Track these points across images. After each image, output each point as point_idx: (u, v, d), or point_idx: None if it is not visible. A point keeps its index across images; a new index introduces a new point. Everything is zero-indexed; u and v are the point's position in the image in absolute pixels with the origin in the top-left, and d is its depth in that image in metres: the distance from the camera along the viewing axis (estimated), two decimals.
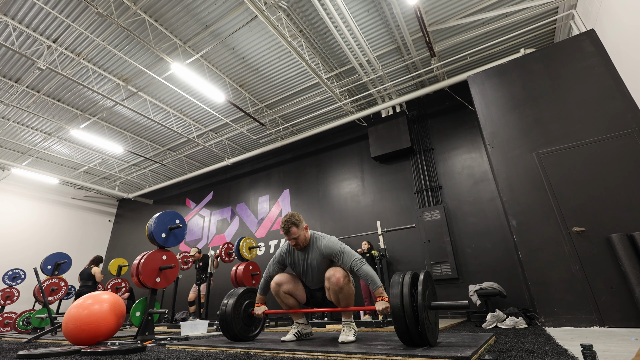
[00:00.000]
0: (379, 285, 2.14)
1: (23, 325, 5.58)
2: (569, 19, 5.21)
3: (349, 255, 2.29)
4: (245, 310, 2.65)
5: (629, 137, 3.41)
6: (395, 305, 1.83)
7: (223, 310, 2.55)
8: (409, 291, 1.86)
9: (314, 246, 2.44)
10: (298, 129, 8.59)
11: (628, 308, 2.95)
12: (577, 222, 3.41)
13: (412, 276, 1.94)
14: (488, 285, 4.37)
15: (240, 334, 2.56)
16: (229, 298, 2.64)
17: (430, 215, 6.03)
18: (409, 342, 1.84)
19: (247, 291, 2.75)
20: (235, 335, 2.54)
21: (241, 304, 2.65)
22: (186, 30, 5.56)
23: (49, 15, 5.22)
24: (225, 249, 6.46)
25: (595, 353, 1.31)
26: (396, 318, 1.81)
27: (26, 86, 6.66)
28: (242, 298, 2.68)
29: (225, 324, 2.52)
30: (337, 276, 2.25)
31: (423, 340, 1.80)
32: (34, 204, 10.54)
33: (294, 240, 2.39)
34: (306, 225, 2.48)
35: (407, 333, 1.80)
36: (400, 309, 1.81)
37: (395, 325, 1.82)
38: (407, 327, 1.79)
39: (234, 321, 2.53)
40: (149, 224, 3.74)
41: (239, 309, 2.61)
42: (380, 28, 5.61)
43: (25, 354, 2.20)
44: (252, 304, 2.74)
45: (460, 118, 6.60)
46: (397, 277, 1.96)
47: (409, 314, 1.79)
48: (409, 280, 1.91)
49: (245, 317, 2.65)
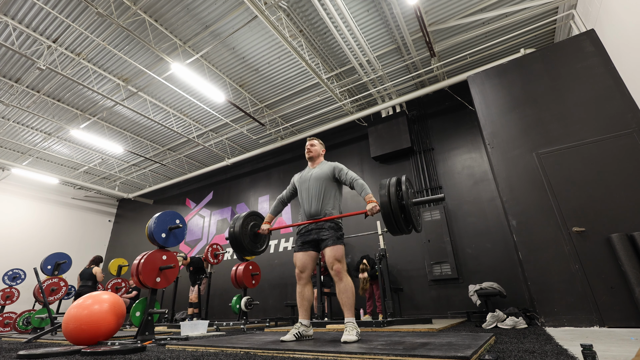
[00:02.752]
0: (370, 192, 2.50)
1: (23, 325, 5.58)
2: (569, 19, 5.21)
3: (351, 173, 2.65)
4: (252, 230, 2.95)
5: (629, 137, 3.41)
6: (384, 201, 2.21)
7: (232, 231, 2.84)
8: (395, 190, 2.23)
9: (323, 165, 2.79)
10: (298, 129, 8.59)
11: (628, 308, 2.95)
12: (577, 222, 3.41)
13: (396, 179, 2.31)
14: (488, 285, 4.37)
15: (249, 249, 2.88)
16: (236, 221, 2.90)
17: (430, 215, 6.03)
18: (396, 231, 2.25)
19: (251, 214, 3.03)
20: (245, 250, 2.85)
21: (247, 224, 2.93)
22: (186, 30, 5.56)
23: (49, 15, 5.22)
24: (211, 251, 6.46)
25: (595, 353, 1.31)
26: (385, 211, 2.20)
27: (26, 86, 6.66)
28: (248, 219, 2.95)
29: (235, 241, 2.81)
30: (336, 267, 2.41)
31: (409, 227, 2.22)
32: (34, 204, 10.54)
33: (310, 147, 2.85)
34: (324, 151, 2.95)
35: (395, 223, 2.18)
36: (388, 203, 2.19)
37: (385, 217, 2.19)
38: (394, 218, 2.17)
39: (243, 238, 2.83)
40: (149, 224, 3.74)
41: (246, 228, 2.90)
42: (380, 28, 5.61)
43: (25, 354, 2.20)
44: (256, 226, 2.99)
45: (460, 118, 6.60)
46: (384, 181, 2.34)
47: (395, 207, 2.16)
48: (394, 182, 2.29)
49: (251, 235, 2.93)
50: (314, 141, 2.91)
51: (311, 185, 2.68)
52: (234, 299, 5.73)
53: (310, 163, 2.89)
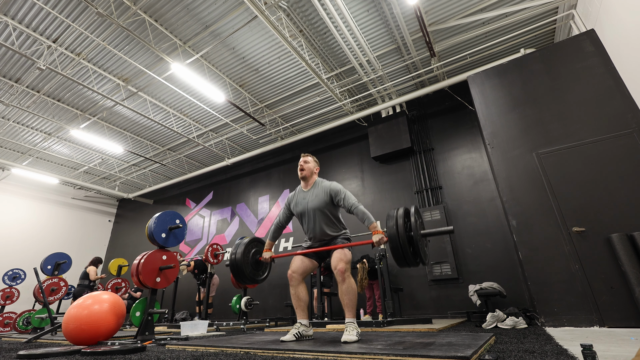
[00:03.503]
0: (374, 220, 2.40)
1: (23, 325, 5.57)
2: (569, 19, 5.21)
3: (349, 197, 2.51)
4: (253, 257, 2.89)
5: (629, 137, 3.41)
6: (392, 233, 2.17)
7: (233, 259, 2.78)
8: (402, 222, 2.19)
9: (319, 185, 2.65)
10: (298, 129, 8.59)
11: (628, 308, 2.95)
12: (577, 222, 3.41)
13: (404, 210, 2.27)
14: (488, 285, 4.37)
15: (251, 278, 2.82)
16: (237, 247, 2.85)
17: (430, 215, 6.03)
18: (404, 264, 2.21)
19: (253, 240, 2.97)
20: (246, 278, 2.79)
21: (249, 251, 2.88)
22: (186, 30, 5.56)
23: (49, 15, 5.22)
24: (211, 251, 6.46)
25: (595, 353, 1.31)
26: (393, 243, 2.16)
27: (26, 86, 6.66)
28: (250, 246, 2.90)
29: (237, 269, 2.77)
30: (340, 267, 2.38)
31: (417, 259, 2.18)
32: (34, 204, 10.54)
33: (303, 165, 2.69)
34: (318, 169, 2.79)
35: (403, 255, 2.15)
36: (396, 235, 2.15)
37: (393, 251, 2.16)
38: (402, 250, 2.13)
39: (244, 266, 2.78)
40: (149, 224, 3.74)
41: (247, 255, 2.84)
42: (380, 28, 5.61)
43: (25, 354, 2.20)
44: (258, 252, 2.94)
45: (460, 118, 6.60)
46: (391, 212, 2.29)
47: (404, 240, 2.13)
48: (402, 213, 2.25)
49: (253, 263, 2.88)
50: (307, 158, 2.73)
51: (311, 215, 2.59)
52: (234, 299, 5.73)
53: (304, 183, 2.72)
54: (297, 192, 2.76)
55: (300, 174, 2.70)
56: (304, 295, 2.57)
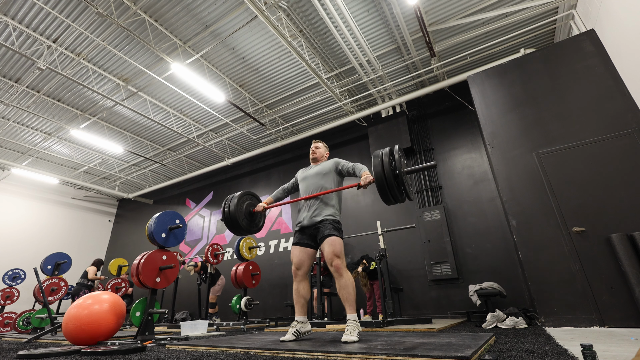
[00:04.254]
0: (365, 168, 2.54)
1: (23, 325, 5.57)
2: (569, 19, 5.21)
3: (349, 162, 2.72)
4: (247, 209, 2.92)
5: (629, 137, 3.41)
6: (378, 170, 2.20)
7: (226, 211, 2.80)
8: (388, 160, 2.23)
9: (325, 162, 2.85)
10: (298, 129, 8.59)
11: (628, 308, 2.95)
12: (577, 222, 3.41)
13: (389, 149, 2.31)
14: (488, 285, 4.36)
15: (246, 228, 2.85)
16: (229, 200, 2.87)
17: (430, 215, 6.03)
18: (389, 200, 2.24)
19: (245, 193, 3.00)
20: (241, 228, 2.81)
21: (242, 203, 2.91)
22: (186, 30, 5.56)
23: (49, 15, 5.22)
24: (211, 251, 6.46)
25: (595, 353, 1.31)
26: (379, 181, 2.19)
27: (26, 86, 6.66)
28: (242, 199, 2.93)
29: (231, 221, 2.79)
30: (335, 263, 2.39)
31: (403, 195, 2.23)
32: (34, 204, 10.53)
33: (315, 150, 2.92)
34: (327, 154, 3.01)
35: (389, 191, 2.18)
36: (382, 172, 2.19)
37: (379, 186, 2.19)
38: (388, 185, 2.17)
39: (239, 217, 2.79)
40: (149, 224, 3.74)
41: (241, 207, 2.87)
42: (380, 28, 5.61)
43: (25, 354, 2.20)
44: (252, 205, 2.98)
45: (460, 118, 6.60)
46: (377, 151, 2.33)
47: (389, 175, 2.16)
48: (387, 152, 2.29)
49: (247, 214, 2.91)
50: (319, 144, 2.99)
51: (313, 179, 2.77)
52: (234, 299, 5.73)
53: (314, 164, 2.96)
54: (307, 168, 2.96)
55: (311, 156, 2.94)
56: (305, 291, 2.57)
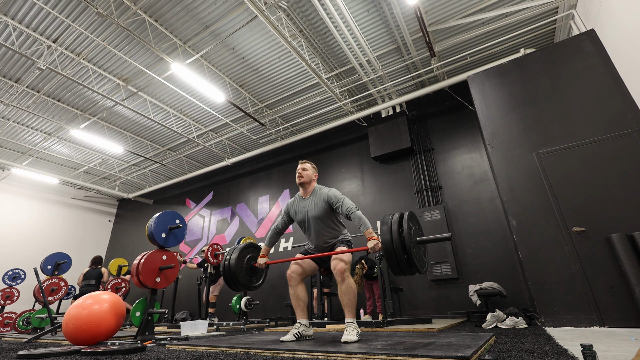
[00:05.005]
0: (369, 226, 2.34)
1: (23, 325, 5.57)
2: (569, 19, 5.21)
3: (347, 203, 2.49)
4: (248, 263, 2.83)
5: (629, 137, 3.41)
6: (386, 240, 2.08)
7: (227, 265, 2.72)
8: (397, 228, 2.10)
9: (317, 193, 2.63)
10: (298, 129, 8.59)
11: (628, 308, 2.95)
12: (577, 222, 3.41)
13: (399, 216, 2.18)
14: (488, 285, 4.36)
15: (245, 284, 2.75)
16: (231, 253, 2.79)
17: (430, 215, 6.03)
18: (399, 272, 2.11)
19: (248, 246, 2.92)
20: (240, 284, 2.72)
21: (244, 256, 2.82)
22: (186, 30, 5.56)
23: (49, 15, 5.22)
24: (211, 251, 6.45)
25: (595, 353, 1.31)
26: (387, 250, 2.07)
27: (26, 86, 6.66)
28: (244, 252, 2.86)
29: (230, 275, 2.70)
30: (339, 267, 2.37)
31: (411, 267, 2.07)
32: (34, 204, 10.53)
33: (301, 171, 2.66)
34: (316, 176, 2.75)
35: (397, 263, 2.06)
36: (390, 241, 2.07)
37: (387, 258, 2.08)
38: (396, 257, 2.05)
39: (238, 272, 2.72)
40: (149, 224, 3.73)
41: (242, 261, 2.79)
42: (380, 28, 5.61)
43: (25, 354, 2.20)
44: (253, 258, 2.89)
45: (460, 118, 6.59)
46: (386, 218, 2.20)
47: (397, 246, 2.04)
48: (397, 219, 2.15)
49: (248, 269, 2.82)
50: (305, 165, 2.71)
51: (311, 224, 2.60)
52: (234, 299, 5.73)
53: (302, 190, 2.70)
54: (296, 199, 2.73)
55: (298, 180, 2.67)
56: (303, 295, 2.57)
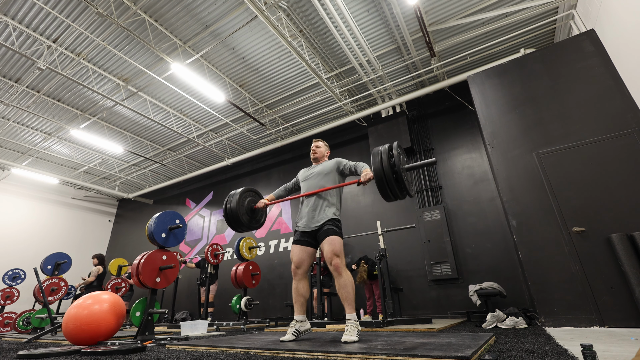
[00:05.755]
0: (366, 165, 2.55)
1: (23, 325, 5.57)
2: (569, 19, 5.21)
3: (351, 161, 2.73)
4: (248, 205, 2.94)
5: (629, 137, 3.41)
6: (377, 167, 2.19)
7: (228, 208, 2.82)
8: (387, 157, 2.21)
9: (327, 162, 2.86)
10: (298, 129, 8.59)
11: (628, 308, 2.95)
12: (577, 222, 3.41)
13: (388, 146, 2.29)
14: (488, 285, 4.37)
15: (247, 223, 2.85)
16: (231, 197, 2.88)
17: (430, 215, 6.03)
18: (390, 197, 2.23)
19: (247, 190, 3.00)
20: (242, 224, 2.82)
21: (244, 199, 2.92)
22: (186, 30, 5.56)
23: (49, 15, 5.22)
24: (211, 251, 6.45)
25: (595, 353, 1.31)
26: (378, 174, 2.18)
27: (26, 86, 6.66)
28: (244, 195, 2.94)
29: (233, 218, 2.80)
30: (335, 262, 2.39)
31: (403, 192, 2.20)
32: (34, 204, 10.53)
33: (315, 149, 2.92)
34: (328, 152, 3.02)
35: (388, 188, 2.17)
36: (381, 168, 2.17)
37: (378, 183, 2.18)
38: (387, 182, 2.16)
39: (240, 213, 2.81)
40: (149, 224, 3.74)
41: (242, 204, 2.88)
42: (380, 28, 5.61)
43: (25, 354, 2.20)
44: (253, 201, 2.98)
45: (460, 118, 6.60)
46: (376, 149, 2.31)
47: (388, 172, 2.15)
48: (386, 149, 2.26)
49: (248, 211, 2.92)
50: (319, 142, 2.99)
51: (314, 180, 2.78)
52: (234, 299, 5.73)
53: (315, 163, 2.96)
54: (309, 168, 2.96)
55: (312, 155, 2.93)
56: (304, 290, 2.58)
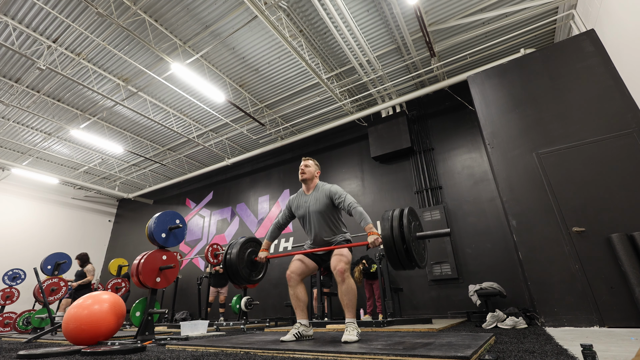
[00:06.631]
0: (370, 221, 2.38)
1: (23, 325, 5.57)
2: (569, 19, 5.21)
3: (348, 198, 2.54)
4: (249, 257, 2.87)
5: (629, 137, 3.41)
6: (386, 235, 2.12)
7: (228, 259, 2.75)
8: (397, 223, 2.13)
9: (320, 189, 2.68)
10: (298, 129, 8.59)
11: (628, 308, 2.95)
12: (577, 222, 3.41)
13: (400, 211, 2.20)
14: (488, 285, 4.37)
15: (246, 278, 2.78)
16: (232, 247, 2.82)
17: (430, 215, 6.03)
18: (399, 266, 2.15)
19: (249, 240, 2.96)
20: (241, 278, 2.75)
21: (244, 251, 2.86)
22: (186, 30, 5.55)
23: (49, 15, 5.22)
24: (211, 251, 6.43)
25: (595, 353, 1.31)
26: (387, 244, 2.11)
27: (26, 86, 6.66)
28: (245, 246, 2.88)
29: (232, 270, 2.74)
30: (339, 267, 2.38)
31: (411, 262, 2.10)
32: (34, 204, 10.53)
33: (304, 168, 2.72)
34: (318, 172, 2.81)
35: (397, 257, 2.09)
36: (390, 235, 2.10)
37: (387, 251, 2.11)
38: (396, 251, 2.08)
39: (240, 267, 2.75)
40: (149, 224, 3.74)
41: (243, 255, 2.82)
42: (380, 28, 5.61)
43: (25, 354, 2.20)
44: (254, 252, 2.92)
45: (460, 118, 6.59)
46: (386, 214, 2.23)
47: (398, 240, 2.07)
48: (397, 214, 2.18)
49: (248, 263, 2.85)
50: (309, 162, 2.77)
51: (312, 218, 2.63)
52: (234, 299, 5.73)
53: (305, 186, 2.76)
54: (298, 195, 2.78)
55: (301, 177, 2.73)
56: (302, 295, 2.57)
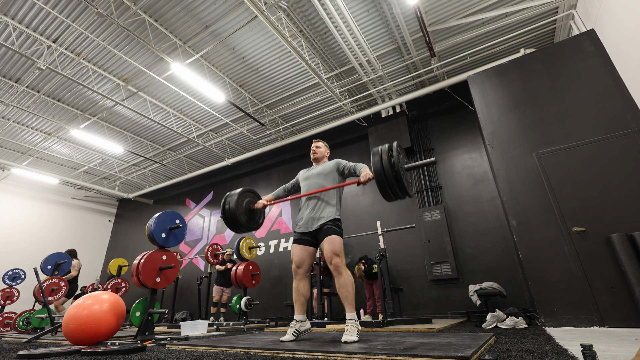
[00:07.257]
0: (366, 166, 2.55)
1: (23, 325, 5.57)
2: (569, 19, 5.21)
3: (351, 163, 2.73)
4: (247, 205, 2.93)
5: (629, 137, 3.41)
6: (377, 167, 2.20)
7: (227, 208, 2.80)
8: (387, 157, 2.21)
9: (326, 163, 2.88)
10: (298, 129, 8.59)
11: (628, 308, 2.95)
12: (577, 222, 3.41)
13: (388, 146, 2.29)
14: (488, 285, 4.36)
15: (245, 224, 2.84)
16: (229, 197, 2.86)
17: (430, 215, 6.03)
18: (390, 197, 2.26)
19: (245, 190, 2.98)
20: (241, 225, 2.81)
21: (242, 199, 2.90)
22: (186, 30, 5.56)
23: (49, 15, 5.22)
24: (211, 251, 6.42)
25: (595, 353, 1.31)
26: (378, 177, 2.19)
27: (26, 86, 6.66)
28: (242, 196, 2.91)
29: (231, 218, 2.79)
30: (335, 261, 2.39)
31: (403, 192, 2.22)
32: (34, 204, 10.53)
33: (315, 149, 2.93)
34: (328, 153, 3.03)
35: (388, 186, 2.18)
36: (381, 168, 2.18)
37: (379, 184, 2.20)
38: (388, 182, 2.17)
39: (239, 215, 2.79)
40: (149, 224, 3.74)
41: (241, 204, 2.87)
42: (380, 28, 5.61)
43: (25, 354, 2.20)
44: (251, 202, 2.97)
45: (460, 118, 6.59)
46: (375, 148, 2.31)
47: (389, 173, 2.16)
48: (385, 149, 2.27)
49: (247, 211, 2.91)
50: (319, 143, 3.00)
51: (313, 179, 2.78)
52: (234, 299, 5.73)
53: (315, 164, 2.97)
54: (308, 169, 2.97)
55: (312, 155, 2.95)
56: (305, 290, 2.58)
